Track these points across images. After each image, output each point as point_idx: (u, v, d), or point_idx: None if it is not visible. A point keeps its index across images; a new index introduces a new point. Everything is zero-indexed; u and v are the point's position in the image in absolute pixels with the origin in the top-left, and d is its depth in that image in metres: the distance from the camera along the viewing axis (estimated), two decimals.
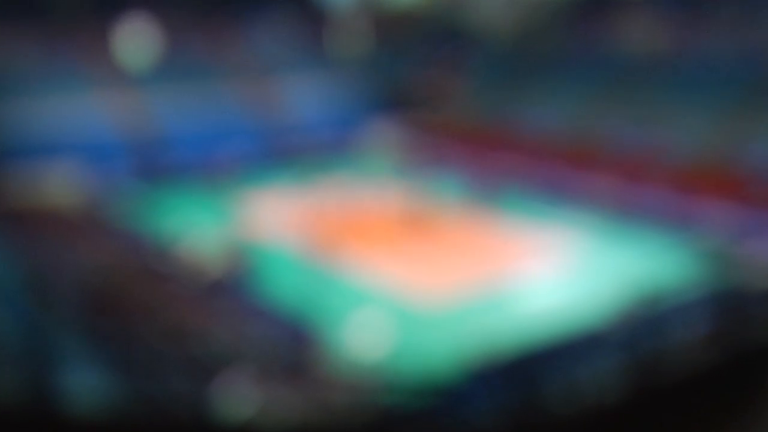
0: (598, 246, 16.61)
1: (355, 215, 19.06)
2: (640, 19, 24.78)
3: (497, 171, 22.30)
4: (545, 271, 15.01)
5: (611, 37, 25.43)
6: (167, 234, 16.44)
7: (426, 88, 29.27)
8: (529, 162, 22.52)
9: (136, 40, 25.58)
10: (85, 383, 7.04)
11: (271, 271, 14.57)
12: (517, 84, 26.96)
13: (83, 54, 25.22)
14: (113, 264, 13.14)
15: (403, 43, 31.00)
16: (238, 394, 7.96)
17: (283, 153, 25.11)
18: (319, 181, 21.43)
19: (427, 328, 12.46)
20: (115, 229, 17.23)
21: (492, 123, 26.28)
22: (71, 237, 15.34)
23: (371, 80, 29.49)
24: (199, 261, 14.14)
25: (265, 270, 14.53)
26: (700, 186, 18.38)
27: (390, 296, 13.75)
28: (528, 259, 15.79)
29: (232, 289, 13.18)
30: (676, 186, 18.78)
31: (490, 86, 27.95)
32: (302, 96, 28.02)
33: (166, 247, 15.32)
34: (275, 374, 9.24)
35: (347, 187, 20.94)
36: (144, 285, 12.45)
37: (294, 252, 16.19)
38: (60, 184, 20.31)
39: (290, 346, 10.71)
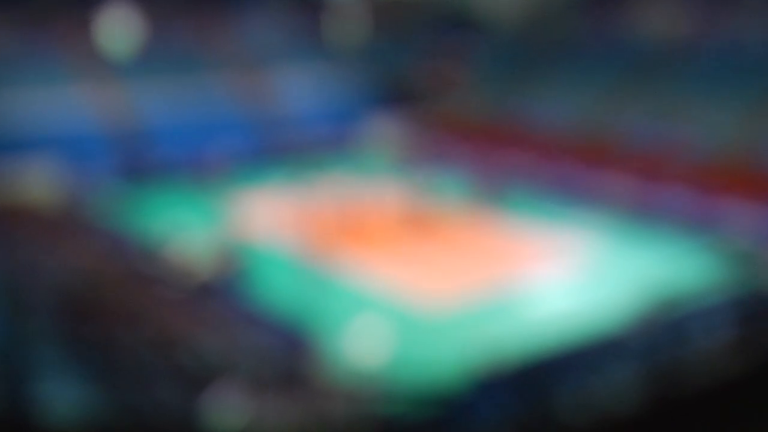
0: (613, 248, 16.61)
1: (354, 215, 19.07)
2: (658, 4, 24.79)
3: (504, 168, 22.30)
4: (556, 275, 15.01)
5: (627, 24, 25.44)
6: (154, 235, 16.45)
7: (428, 79, 29.28)
8: (538, 159, 22.52)
9: (119, 28, 25.59)
10: (65, 395, 7.03)
11: (265, 275, 14.57)
12: (525, 75, 26.96)
13: (63, 43, 25.22)
14: (95, 266, 13.14)
15: (403, 31, 31.01)
16: (229, 406, 7.97)
17: (276, 149, 25.12)
18: (315, 179, 21.43)
19: (430, 334, 12.47)
20: (97, 230, 17.23)
21: (499, 117, 26.30)
22: (50, 237, 15.34)
23: (370, 72, 29.50)
24: (188, 264, 14.14)
25: (258, 273, 14.53)
26: (723, 184, 18.38)
27: (390, 301, 13.76)
28: (538, 262, 15.79)
29: (223, 293, 13.18)
30: (697, 184, 18.77)
31: (497, 78, 27.96)
32: (297, 88, 28.04)
33: (152, 249, 15.31)
34: (269, 384, 9.24)
35: (345, 185, 20.93)
36: (129, 289, 12.45)
37: (289, 254, 16.19)
38: (38, 181, 20.31)
39: (285, 353, 10.71)
